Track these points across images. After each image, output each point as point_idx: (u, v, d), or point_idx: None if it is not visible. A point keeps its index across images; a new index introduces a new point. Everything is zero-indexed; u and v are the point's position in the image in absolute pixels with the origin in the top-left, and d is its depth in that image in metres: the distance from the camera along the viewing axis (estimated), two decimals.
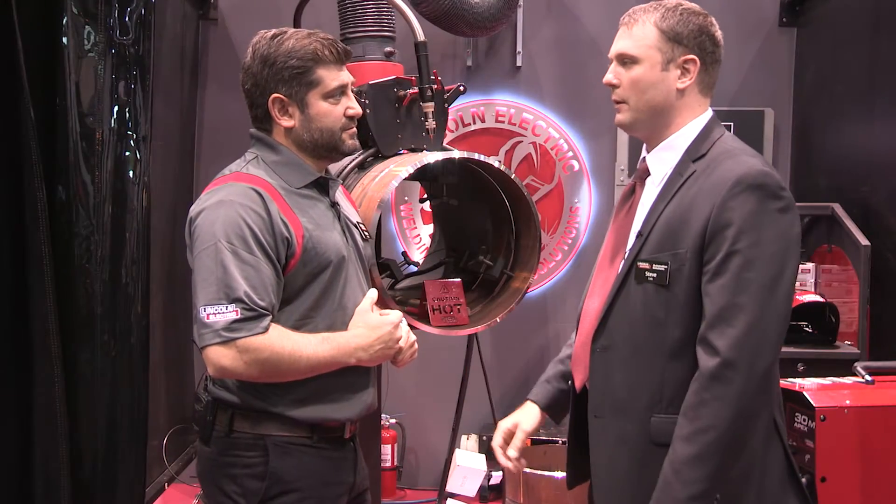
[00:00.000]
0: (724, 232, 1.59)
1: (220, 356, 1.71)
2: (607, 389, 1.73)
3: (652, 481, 1.64)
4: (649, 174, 1.79)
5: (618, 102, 1.77)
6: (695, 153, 1.73)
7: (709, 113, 1.78)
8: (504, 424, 1.97)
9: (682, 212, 1.66)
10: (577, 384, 1.84)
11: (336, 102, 1.87)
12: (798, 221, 1.66)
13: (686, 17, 1.73)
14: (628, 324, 1.70)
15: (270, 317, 1.74)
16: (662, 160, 1.77)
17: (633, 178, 1.85)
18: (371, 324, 1.85)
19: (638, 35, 1.73)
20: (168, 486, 3.72)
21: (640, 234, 1.72)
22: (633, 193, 1.82)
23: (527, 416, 1.95)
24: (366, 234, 2.05)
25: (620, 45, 1.76)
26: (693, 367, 1.63)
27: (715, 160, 1.69)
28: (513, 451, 1.93)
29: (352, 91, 1.92)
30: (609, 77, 1.77)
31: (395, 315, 1.90)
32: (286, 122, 1.87)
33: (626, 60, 1.75)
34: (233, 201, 1.75)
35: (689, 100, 1.75)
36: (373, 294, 1.91)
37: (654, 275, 1.66)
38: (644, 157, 1.82)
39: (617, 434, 1.71)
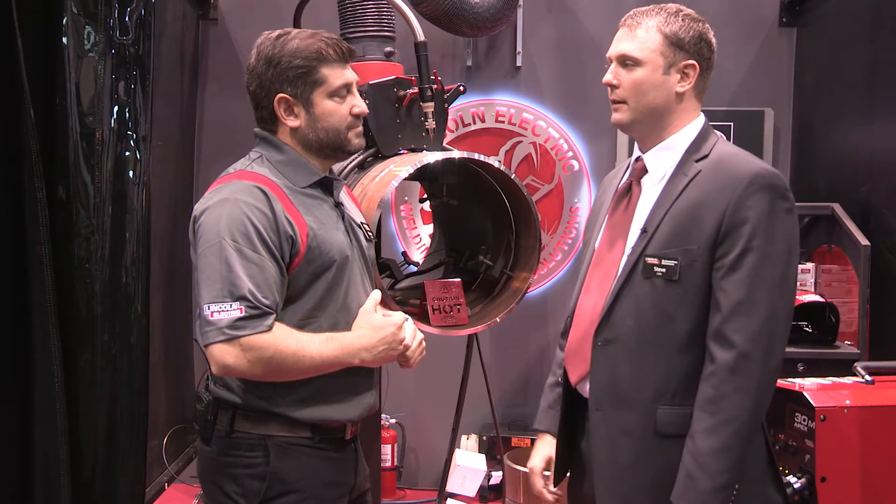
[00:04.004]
0: (739, 229, 1.65)
1: (223, 354, 1.70)
2: (610, 382, 1.76)
3: (655, 471, 1.70)
4: (646, 173, 1.82)
5: (616, 102, 1.80)
6: (696, 153, 1.77)
7: (702, 117, 1.83)
8: (537, 466, 2.00)
9: (693, 209, 1.70)
10: (574, 378, 1.87)
11: (341, 101, 1.87)
12: (797, 222, 1.72)
13: (687, 23, 1.77)
14: (634, 318, 1.73)
15: (274, 315, 1.74)
16: (662, 159, 1.80)
17: (629, 178, 1.87)
18: (375, 324, 1.85)
19: (642, 38, 1.76)
20: (168, 486, 3.72)
21: (644, 231, 1.75)
22: (628, 192, 1.85)
23: (553, 449, 1.99)
24: (370, 234, 2.05)
25: (623, 46, 1.78)
26: (698, 360, 1.68)
27: (721, 160, 1.74)
28: (553, 488, 1.99)
29: (357, 91, 1.92)
30: (609, 77, 1.80)
31: (398, 316, 1.89)
32: (292, 122, 1.87)
33: (628, 62, 1.77)
34: (237, 199, 1.75)
35: (687, 104, 1.80)
36: (376, 295, 1.91)
37: (664, 269, 1.70)
38: (640, 157, 1.85)
39: (619, 426, 1.74)
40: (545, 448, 2.01)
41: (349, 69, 1.90)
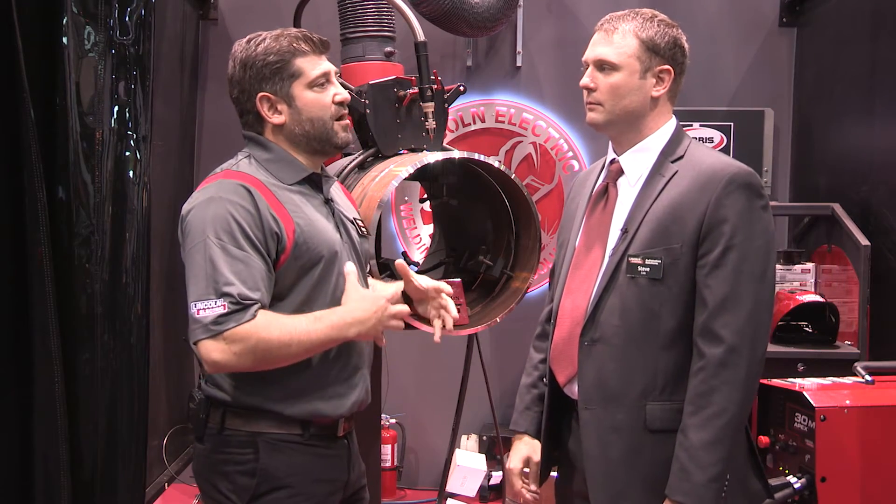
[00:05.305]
0: (720, 227, 1.69)
1: (210, 350, 1.71)
2: (598, 381, 1.79)
3: (646, 466, 1.74)
4: (622, 174, 1.86)
5: (592, 104, 1.84)
6: (672, 154, 1.81)
7: (674, 119, 1.87)
8: (516, 466, 2.00)
9: (673, 209, 1.73)
10: (562, 380, 1.89)
11: (322, 90, 1.88)
12: (772, 217, 1.78)
13: (663, 28, 1.80)
14: (620, 317, 1.76)
15: (259, 305, 1.73)
16: (638, 161, 1.84)
17: (604, 179, 1.90)
18: (366, 296, 1.84)
19: (618, 43, 1.80)
20: (168, 486, 3.72)
21: (625, 231, 1.78)
22: (605, 194, 1.88)
23: (532, 449, 2.00)
24: (363, 230, 2.05)
25: (600, 50, 1.82)
26: (684, 355, 1.72)
27: (696, 161, 1.78)
28: (534, 486, 2.00)
29: (337, 80, 1.93)
30: (586, 81, 1.84)
31: (388, 288, 1.87)
32: (276, 119, 1.88)
33: (605, 66, 1.81)
34: (221, 197, 1.77)
35: (662, 108, 1.84)
36: (350, 267, 1.86)
37: (648, 269, 1.73)
38: (615, 159, 1.88)
39: (609, 423, 1.77)
40: (524, 448, 2.02)
41: (325, 60, 1.91)
